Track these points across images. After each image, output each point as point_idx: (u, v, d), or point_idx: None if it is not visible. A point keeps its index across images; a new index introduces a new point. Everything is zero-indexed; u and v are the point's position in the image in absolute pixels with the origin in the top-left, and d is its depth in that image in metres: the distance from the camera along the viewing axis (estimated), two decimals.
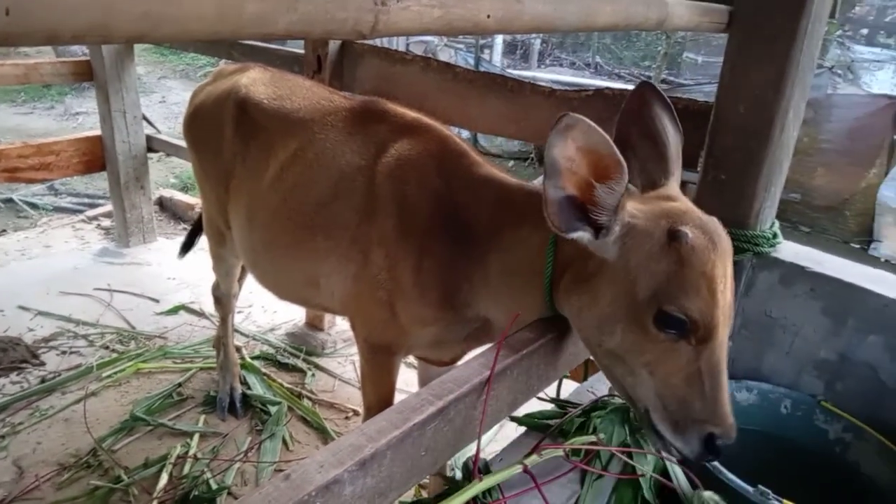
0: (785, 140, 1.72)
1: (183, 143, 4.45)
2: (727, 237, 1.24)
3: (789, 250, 1.81)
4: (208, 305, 3.71)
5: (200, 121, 2.33)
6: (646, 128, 1.43)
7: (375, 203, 1.70)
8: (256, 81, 2.18)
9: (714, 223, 1.23)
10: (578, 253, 1.30)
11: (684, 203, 1.30)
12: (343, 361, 3.39)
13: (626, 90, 2.14)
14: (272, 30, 0.68)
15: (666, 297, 1.17)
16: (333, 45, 2.87)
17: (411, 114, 1.83)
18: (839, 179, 7.04)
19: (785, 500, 1.35)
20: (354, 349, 3.51)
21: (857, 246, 6.92)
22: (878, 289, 1.62)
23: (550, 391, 1.64)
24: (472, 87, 2.51)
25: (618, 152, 1.13)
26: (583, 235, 1.22)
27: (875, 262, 5.90)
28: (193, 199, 5.87)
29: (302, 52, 3.03)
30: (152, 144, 4.42)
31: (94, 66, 4.05)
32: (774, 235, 1.80)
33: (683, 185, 1.93)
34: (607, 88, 2.16)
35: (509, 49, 16.73)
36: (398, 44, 12.60)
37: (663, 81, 11.22)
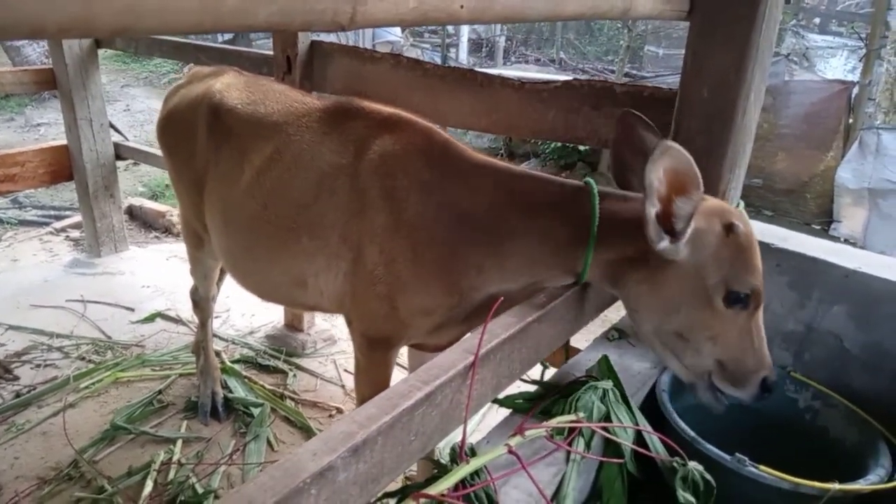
0: (747, 123, 1.79)
1: (152, 150, 4.42)
2: None
3: (755, 229, 1.86)
4: (185, 312, 3.68)
5: (174, 125, 2.31)
6: (636, 147, 1.62)
7: (362, 200, 1.71)
8: (230, 87, 2.17)
9: (739, 211, 1.46)
10: (627, 241, 1.43)
11: (712, 199, 1.50)
12: (324, 361, 3.39)
13: (592, 80, 2.19)
14: (252, 21, 0.70)
15: (734, 279, 1.39)
16: (303, 46, 2.88)
17: (387, 109, 1.84)
18: (798, 163, 7.25)
19: (760, 466, 1.41)
20: (335, 348, 3.52)
21: (818, 227, 7.13)
22: (839, 261, 1.69)
23: (533, 374, 1.68)
24: (443, 82, 2.54)
25: (696, 168, 1.31)
26: (666, 244, 1.37)
27: (835, 241, 6.08)
28: (164, 207, 5.80)
29: (271, 53, 3.02)
30: (120, 152, 4.36)
31: (57, 75, 3.98)
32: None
33: None
34: (575, 79, 2.21)
35: (475, 47, 16.80)
36: (364, 45, 12.57)
37: (626, 75, 11.39)
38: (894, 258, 1.74)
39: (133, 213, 5.81)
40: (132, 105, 12.09)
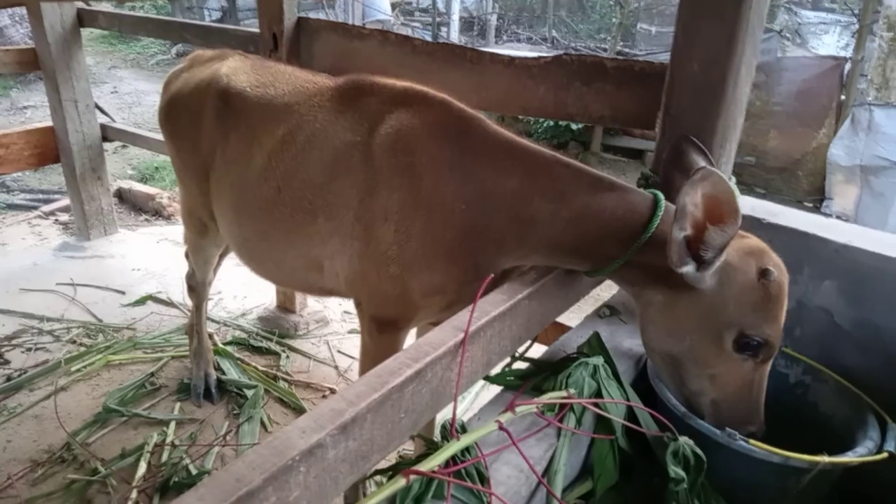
0: (738, 97, 1.77)
1: (140, 132, 4.37)
2: None
3: (746, 204, 1.87)
4: (176, 294, 3.67)
5: (178, 110, 2.27)
6: (686, 171, 1.58)
7: (378, 178, 1.68)
8: (237, 70, 2.13)
9: (779, 258, 1.42)
10: (660, 254, 1.38)
11: (754, 239, 1.46)
12: (317, 342, 3.39)
13: (583, 56, 2.17)
14: None
15: (751, 325, 1.36)
16: (289, 23, 2.83)
17: (400, 84, 1.80)
18: (791, 141, 7.25)
19: (750, 440, 1.41)
20: (328, 329, 3.52)
21: (810, 205, 7.16)
22: (830, 236, 1.69)
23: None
24: (432, 59, 2.51)
25: (737, 201, 1.29)
26: (689, 270, 1.35)
27: (848, 224, 6.12)
28: (153, 190, 5.76)
29: (257, 31, 2.97)
30: (107, 134, 4.31)
31: (40, 55, 3.91)
32: None
33: (641, 153, 2.00)
34: (565, 54, 2.18)
35: (466, 26, 16.63)
36: (354, 22, 12.42)
37: (618, 53, 11.31)
38: (885, 233, 1.74)
39: (122, 196, 5.76)
40: (120, 87, 11.95)
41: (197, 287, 2.77)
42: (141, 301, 3.63)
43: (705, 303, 1.39)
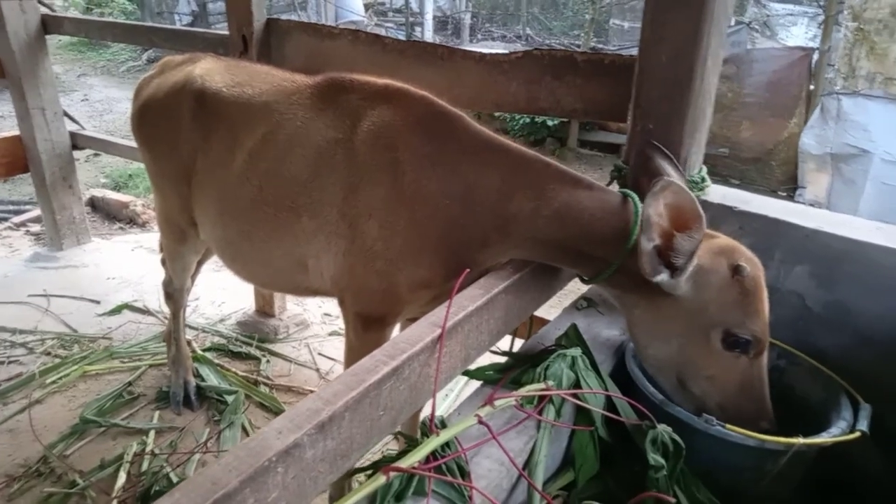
0: (706, 88, 1.79)
1: (112, 139, 4.31)
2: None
3: (717, 193, 1.89)
4: (152, 302, 3.62)
5: (152, 116, 2.23)
6: (652, 175, 1.59)
7: (361, 174, 1.67)
8: (211, 71, 2.11)
9: (751, 252, 1.44)
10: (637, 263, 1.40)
11: (724, 238, 1.48)
12: (297, 345, 3.37)
13: (553, 50, 2.18)
14: None
15: (734, 322, 1.38)
16: (258, 24, 2.81)
17: (380, 80, 1.79)
18: (763, 131, 7.36)
19: (727, 425, 1.43)
20: (308, 332, 3.50)
21: (784, 194, 7.27)
22: (799, 221, 1.71)
23: (503, 345, 1.68)
24: (403, 57, 2.50)
25: (699, 207, 1.30)
26: (664, 278, 1.37)
27: (816, 209, 6.22)
28: (127, 197, 5.68)
29: (227, 33, 2.95)
30: (77, 142, 4.24)
31: (4, 62, 3.84)
32: (703, 179, 1.87)
33: (618, 147, 2.02)
34: (535, 49, 2.19)
35: (440, 25, 16.64)
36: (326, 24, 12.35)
37: (592, 49, 11.38)
38: (853, 217, 1.77)
39: (95, 205, 5.68)
40: (90, 94, 11.76)
41: (174, 294, 2.74)
42: (117, 310, 3.57)
43: (685, 307, 1.41)
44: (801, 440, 1.41)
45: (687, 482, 1.41)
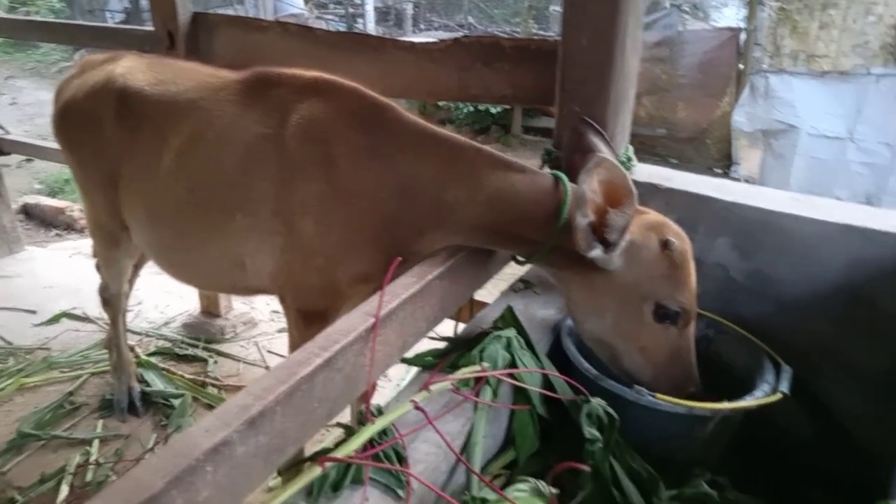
0: (627, 69, 1.84)
1: (42, 144, 4.13)
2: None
3: (643, 171, 1.95)
4: (93, 309, 3.51)
5: (73, 119, 2.15)
6: (586, 153, 1.64)
7: (293, 170, 1.65)
8: (133, 69, 2.04)
9: (678, 227, 1.50)
10: (570, 240, 1.42)
11: (654, 214, 1.53)
12: (246, 344, 3.33)
13: (481, 37, 2.20)
14: None
15: (665, 295, 1.45)
16: (184, 19, 2.74)
17: (309, 73, 1.77)
18: (698, 111, 7.59)
19: (657, 395, 1.48)
20: (256, 331, 3.45)
21: (720, 171, 7.52)
22: (719, 195, 1.78)
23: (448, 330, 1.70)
24: (335, 50, 2.48)
25: (631, 183, 1.34)
26: (598, 253, 1.41)
27: (736, 183, 6.45)
28: (63, 203, 5.49)
29: (153, 30, 2.86)
30: (3, 147, 4.05)
31: None
32: (629, 159, 1.93)
33: (549, 131, 2.07)
34: (464, 36, 2.21)
35: (381, 16, 16.48)
36: (265, 13, 12.10)
37: (535, 35, 11.48)
38: (770, 188, 1.86)
39: (29, 212, 5.47)
40: (19, 98, 11.26)
41: (112, 300, 2.66)
42: (54, 319, 3.45)
43: (618, 281, 1.46)
44: (726, 405, 1.48)
45: (622, 452, 1.46)
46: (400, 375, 2.95)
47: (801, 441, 1.79)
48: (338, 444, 1.23)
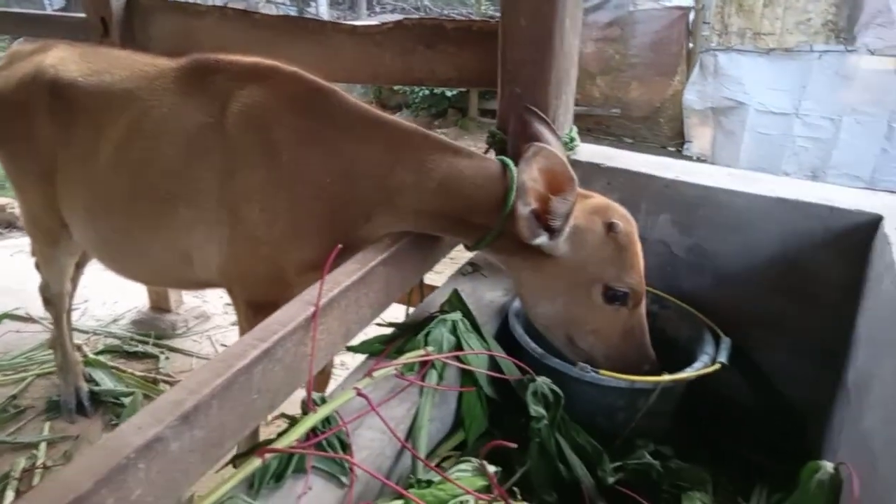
0: (567, 49, 1.84)
1: None
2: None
3: (586, 151, 1.96)
4: (37, 309, 3.38)
5: (1, 114, 2.06)
6: (531, 140, 1.60)
7: (236, 158, 1.61)
8: (65, 60, 1.96)
9: (624, 209, 1.51)
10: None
11: (598, 197, 1.55)
12: (198, 339, 3.27)
13: (423, 19, 2.18)
14: None
15: (613, 277, 1.46)
16: (117, 5, 2.64)
17: (248, 59, 1.72)
18: (650, 90, 7.70)
19: (601, 371, 1.51)
20: (209, 324, 3.39)
21: (673, 149, 7.65)
22: (659, 173, 1.81)
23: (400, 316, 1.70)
24: (275, 33, 2.43)
25: (571, 170, 1.35)
26: (543, 240, 1.42)
27: (689, 160, 6.57)
28: (3, 200, 5.27)
29: (84, 16, 2.75)
30: None
31: None
32: (572, 139, 1.94)
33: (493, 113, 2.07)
34: (406, 19, 2.18)
35: (334, 0, 16.20)
36: (216, 3, 11.76)
37: (488, 17, 11.44)
38: (706, 165, 1.89)
39: None
40: None
41: (54, 299, 2.58)
42: None
43: (566, 266, 1.47)
44: (666, 377, 1.51)
45: (567, 429, 1.49)
46: (357, 363, 2.94)
47: (742, 408, 1.84)
48: (280, 434, 1.22)
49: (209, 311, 3.47)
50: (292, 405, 1.31)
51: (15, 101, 2.00)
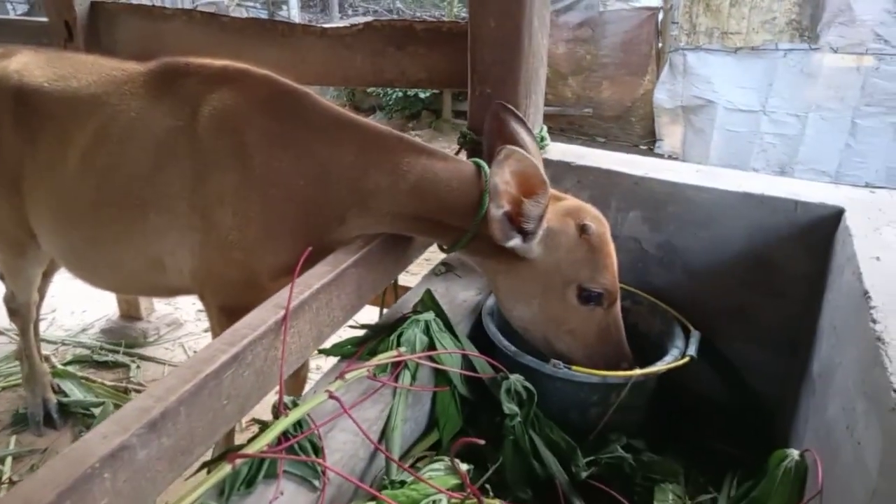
0: (535, 48, 1.86)
1: None
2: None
3: (557, 150, 1.98)
4: (2, 320, 3.31)
5: None
6: (506, 139, 1.63)
7: (207, 162, 1.59)
8: (29, 66, 1.91)
9: (597, 211, 1.54)
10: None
11: (570, 199, 1.57)
12: (171, 346, 3.21)
13: (393, 21, 2.18)
14: None
15: (587, 278, 1.48)
16: (81, 9, 2.59)
17: (218, 62, 1.71)
18: (621, 90, 7.78)
19: (574, 367, 1.52)
20: (181, 331, 3.34)
21: (645, 147, 7.74)
22: (628, 170, 1.83)
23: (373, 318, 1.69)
24: (244, 36, 2.40)
25: (543, 172, 1.36)
26: (517, 243, 1.43)
27: (660, 158, 6.65)
28: None
29: (47, 20, 2.70)
30: None
31: None
32: (542, 139, 1.95)
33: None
34: (375, 20, 2.17)
35: (306, 3, 16.10)
36: (184, 6, 11.61)
37: (462, 19, 11.47)
38: (675, 162, 1.92)
39: None
40: None
41: (20, 310, 2.52)
42: None
43: (541, 268, 1.49)
44: (637, 371, 1.53)
45: (541, 425, 1.50)
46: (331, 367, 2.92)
47: (711, 400, 1.87)
48: (251, 439, 1.21)
49: (181, 318, 3.42)
50: (266, 410, 1.30)
51: None
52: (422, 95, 8.84)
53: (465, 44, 1.95)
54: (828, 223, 1.64)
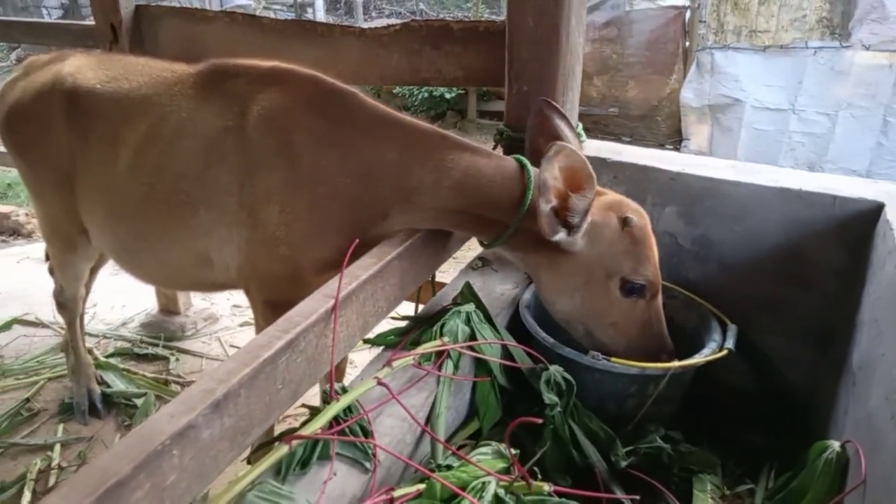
0: (572, 46, 1.88)
1: None
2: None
3: (592, 146, 2.00)
4: (45, 314, 3.43)
5: (21, 121, 2.09)
6: (550, 136, 1.67)
7: (256, 160, 1.64)
8: (82, 68, 1.99)
9: (636, 204, 1.57)
10: (535, 223, 1.46)
11: (611, 193, 1.60)
12: (208, 340, 3.30)
13: (430, 21, 2.22)
14: None
15: (629, 270, 1.51)
16: (126, 11, 2.68)
17: (265, 63, 1.76)
18: (647, 89, 7.76)
19: (612, 358, 1.55)
20: (218, 326, 3.43)
21: (671, 147, 7.69)
22: (665, 166, 1.85)
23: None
24: (282, 37, 2.47)
25: (591, 168, 1.39)
26: (562, 236, 1.46)
27: (680, 154, 6.59)
28: (8, 208, 5.31)
29: (94, 24, 2.79)
30: None
31: None
32: (579, 135, 1.97)
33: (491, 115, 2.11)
34: (412, 20, 2.22)
35: (331, 6, 16.26)
36: (211, 7, 11.80)
37: (487, 19, 11.48)
38: (710, 158, 1.93)
39: None
40: None
41: (68, 304, 2.61)
42: (5, 326, 3.36)
43: (583, 261, 1.52)
44: (676, 363, 1.55)
45: (580, 416, 1.53)
46: (366, 363, 2.97)
47: (746, 393, 1.88)
48: (304, 423, 1.26)
49: (217, 312, 3.51)
50: (312, 398, 1.35)
51: (34, 110, 2.03)
52: (447, 96, 8.89)
53: (502, 42, 1.98)
54: (866, 217, 1.64)
